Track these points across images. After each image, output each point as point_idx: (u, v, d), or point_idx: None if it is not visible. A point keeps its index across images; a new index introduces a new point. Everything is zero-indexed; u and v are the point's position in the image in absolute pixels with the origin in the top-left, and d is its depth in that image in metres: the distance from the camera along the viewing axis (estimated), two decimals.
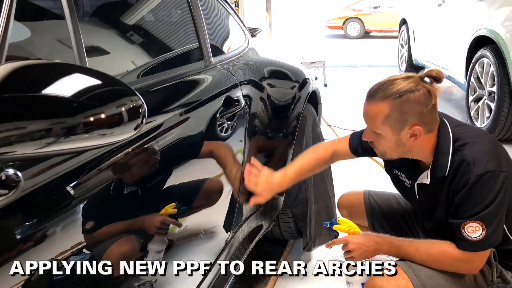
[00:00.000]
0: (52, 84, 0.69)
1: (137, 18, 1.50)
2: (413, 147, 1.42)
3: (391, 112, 1.36)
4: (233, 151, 1.59)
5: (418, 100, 1.35)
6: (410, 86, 1.35)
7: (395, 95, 1.35)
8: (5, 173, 0.73)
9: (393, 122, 1.37)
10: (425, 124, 1.38)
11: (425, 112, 1.36)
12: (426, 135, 1.40)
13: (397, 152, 1.45)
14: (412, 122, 1.36)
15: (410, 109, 1.35)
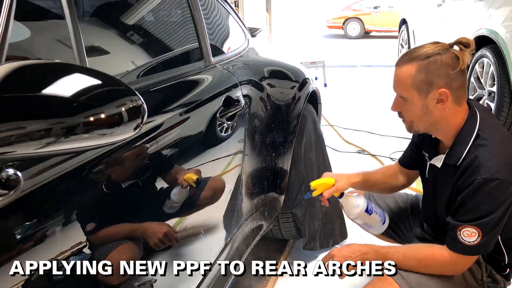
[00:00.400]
0: (52, 84, 0.69)
1: (137, 18, 1.50)
2: (440, 118, 1.39)
3: (417, 73, 1.34)
4: (233, 151, 1.59)
5: (445, 62, 1.33)
6: (437, 49, 1.35)
7: (422, 56, 1.35)
8: (5, 173, 0.73)
9: (419, 84, 1.35)
10: (453, 89, 1.35)
11: (452, 74, 1.33)
12: (453, 106, 1.37)
13: (423, 122, 1.41)
14: (438, 84, 1.34)
15: (436, 70, 1.33)
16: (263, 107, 1.87)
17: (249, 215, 1.76)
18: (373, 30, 14.80)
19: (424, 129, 1.44)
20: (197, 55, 1.66)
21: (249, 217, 1.77)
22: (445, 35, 5.17)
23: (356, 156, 3.74)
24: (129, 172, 1.05)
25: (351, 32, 14.87)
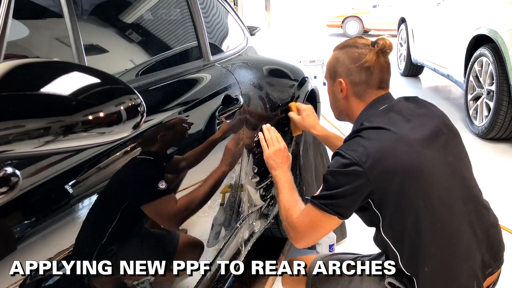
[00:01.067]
0: (50, 83, 0.69)
1: (136, 17, 1.49)
2: (345, 107, 1.44)
3: (331, 60, 1.45)
4: (231, 149, 1.58)
5: (351, 55, 1.39)
6: (356, 43, 1.41)
7: (341, 46, 1.45)
8: (3, 171, 0.73)
9: (330, 70, 1.46)
10: (352, 83, 1.39)
11: (351, 68, 1.38)
12: (355, 99, 1.41)
13: (335, 109, 1.51)
14: (340, 74, 1.41)
15: (342, 60, 1.40)
16: (262, 105, 1.87)
17: (248, 214, 1.76)
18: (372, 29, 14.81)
19: (338, 116, 1.52)
20: (196, 54, 1.66)
21: (248, 215, 1.77)
22: (444, 34, 5.17)
23: None
24: (128, 170, 1.05)
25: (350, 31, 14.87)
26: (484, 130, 3.98)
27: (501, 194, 3.06)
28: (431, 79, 6.77)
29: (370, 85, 1.38)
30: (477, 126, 4.11)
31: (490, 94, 3.95)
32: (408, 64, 6.85)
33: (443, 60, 5.23)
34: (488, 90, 3.98)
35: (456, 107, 5.20)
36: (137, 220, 1.11)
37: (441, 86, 6.38)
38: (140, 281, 1.10)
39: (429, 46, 5.76)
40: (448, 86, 6.23)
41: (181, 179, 1.29)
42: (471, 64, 4.25)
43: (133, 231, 1.09)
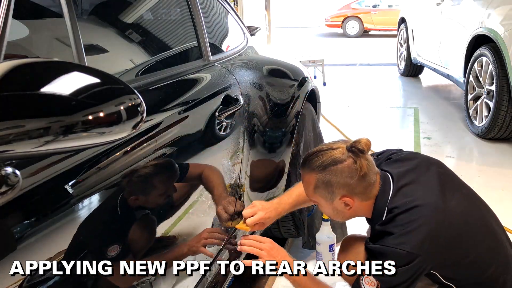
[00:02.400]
0: (50, 83, 0.69)
1: (136, 16, 1.49)
2: (354, 212, 1.43)
3: (318, 184, 1.37)
4: (231, 150, 1.58)
5: (341, 172, 1.33)
6: (335, 158, 1.34)
7: (319, 168, 1.35)
8: (3, 171, 0.73)
9: (322, 193, 1.38)
10: (356, 194, 1.37)
11: (352, 183, 1.34)
12: (363, 203, 1.40)
13: (339, 217, 1.47)
14: (340, 193, 1.36)
15: (335, 181, 1.34)
16: (262, 106, 1.87)
17: None
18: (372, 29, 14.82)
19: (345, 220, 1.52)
20: (196, 54, 1.66)
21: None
22: (444, 34, 5.17)
23: None
24: (128, 170, 1.05)
25: (350, 31, 14.88)
26: (484, 130, 3.98)
27: (501, 194, 3.06)
28: (431, 79, 6.77)
29: (371, 185, 1.38)
30: (477, 126, 4.11)
31: (490, 94, 3.95)
32: (408, 64, 6.85)
33: (443, 60, 5.23)
34: (488, 90, 3.98)
35: (456, 107, 5.20)
36: (137, 220, 1.11)
37: (441, 86, 6.38)
38: (140, 281, 1.10)
39: (429, 46, 5.76)
40: (448, 86, 6.23)
41: (181, 179, 1.29)
42: (471, 64, 4.25)
43: (133, 231, 1.09)
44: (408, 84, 6.71)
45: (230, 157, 1.57)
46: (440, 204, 1.35)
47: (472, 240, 1.36)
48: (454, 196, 1.39)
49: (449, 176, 1.48)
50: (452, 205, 1.36)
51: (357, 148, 1.33)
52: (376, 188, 1.40)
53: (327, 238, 2.00)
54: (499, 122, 3.80)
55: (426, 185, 1.39)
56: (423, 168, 1.45)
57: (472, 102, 4.28)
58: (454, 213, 1.35)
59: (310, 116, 2.30)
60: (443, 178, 1.44)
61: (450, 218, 1.33)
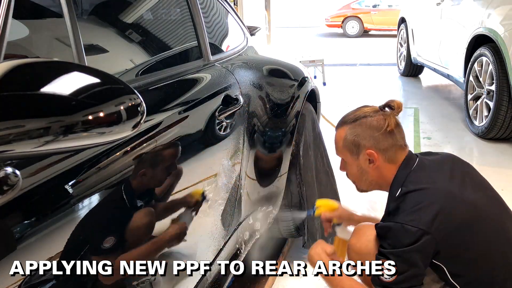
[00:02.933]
0: (50, 83, 0.69)
1: (136, 16, 1.49)
2: (377, 177, 1.44)
3: (347, 136, 1.44)
4: (231, 150, 1.58)
5: (371, 124, 1.41)
6: (365, 112, 1.43)
7: (351, 120, 1.45)
8: (3, 171, 0.73)
9: (349, 146, 1.44)
10: (381, 150, 1.41)
11: (376, 136, 1.40)
12: (387, 164, 1.42)
13: (363, 182, 1.48)
14: (365, 145, 1.41)
15: (362, 132, 1.41)
16: (262, 105, 1.87)
17: (248, 214, 1.77)
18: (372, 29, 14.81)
19: (367, 188, 1.51)
20: (196, 54, 1.66)
21: (248, 215, 1.77)
22: (444, 34, 5.17)
23: None
24: (128, 170, 1.05)
25: (350, 31, 14.88)
26: (484, 130, 3.98)
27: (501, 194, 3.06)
28: (431, 79, 6.77)
29: (397, 146, 1.43)
30: (477, 126, 4.11)
31: (490, 94, 3.95)
32: (408, 64, 6.85)
33: (443, 60, 5.23)
34: (488, 90, 3.98)
35: (456, 107, 5.20)
36: (137, 219, 1.11)
37: (441, 86, 6.38)
38: (140, 281, 1.10)
39: (429, 46, 5.76)
40: (448, 86, 6.23)
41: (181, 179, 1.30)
42: (471, 64, 4.25)
43: (134, 231, 1.09)
44: (408, 84, 6.71)
45: (230, 157, 1.57)
46: (456, 191, 1.36)
47: (483, 235, 1.34)
48: (474, 191, 1.39)
49: (476, 177, 1.48)
50: (468, 196, 1.36)
51: (388, 105, 1.42)
52: (402, 156, 1.43)
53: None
54: (499, 122, 3.80)
55: (447, 174, 1.40)
56: (449, 163, 1.47)
57: (472, 102, 4.28)
58: (468, 203, 1.34)
59: (310, 116, 2.30)
60: (468, 176, 1.45)
61: (464, 205, 1.33)
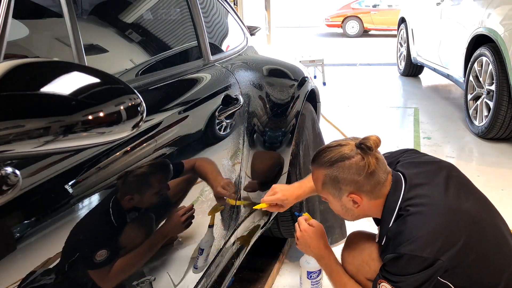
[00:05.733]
0: (50, 82, 0.69)
1: (136, 16, 1.49)
2: (363, 211, 1.42)
3: (326, 180, 1.38)
4: (231, 150, 1.58)
5: (349, 169, 1.33)
6: (343, 154, 1.34)
7: (327, 163, 1.36)
8: (3, 171, 0.73)
9: (330, 190, 1.39)
10: (364, 192, 1.36)
11: (359, 180, 1.33)
12: (372, 201, 1.38)
13: (349, 216, 1.45)
14: (347, 190, 1.36)
15: (342, 177, 1.34)
16: (262, 105, 1.87)
17: (248, 214, 1.77)
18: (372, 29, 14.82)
19: (354, 220, 1.48)
20: (196, 54, 1.66)
21: (248, 215, 1.77)
22: (444, 33, 5.17)
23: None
24: (128, 170, 1.05)
25: (350, 31, 14.88)
26: (484, 130, 3.98)
27: (501, 194, 3.06)
28: (431, 79, 6.77)
29: (380, 182, 1.37)
30: (477, 126, 4.11)
31: (490, 94, 3.95)
32: (408, 64, 6.85)
33: (443, 60, 5.23)
34: (488, 90, 3.98)
35: (456, 107, 5.20)
36: (138, 219, 1.11)
37: (441, 86, 6.38)
38: (140, 281, 1.10)
39: (429, 46, 5.76)
40: (448, 86, 6.23)
41: (181, 179, 1.30)
42: (471, 64, 4.25)
43: (134, 230, 1.09)
44: (408, 84, 6.71)
45: (230, 157, 1.57)
46: (454, 205, 1.33)
47: (484, 243, 1.33)
48: (468, 199, 1.37)
49: (463, 179, 1.47)
50: (466, 207, 1.34)
51: (365, 145, 1.33)
52: (387, 187, 1.38)
53: (306, 264, 1.86)
54: (499, 122, 3.80)
55: (440, 187, 1.36)
56: (436, 171, 1.43)
57: (472, 102, 4.28)
58: (467, 214, 1.32)
59: (310, 116, 2.30)
60: (457, 181, 1.42)
61: (464, 218, 1.31)
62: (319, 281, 1.86)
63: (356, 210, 1.41)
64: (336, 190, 1.37)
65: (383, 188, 1.38)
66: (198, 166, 1.39)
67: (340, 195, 1.38)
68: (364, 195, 1.36)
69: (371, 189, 1.36)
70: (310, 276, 1.83)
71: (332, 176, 1.36)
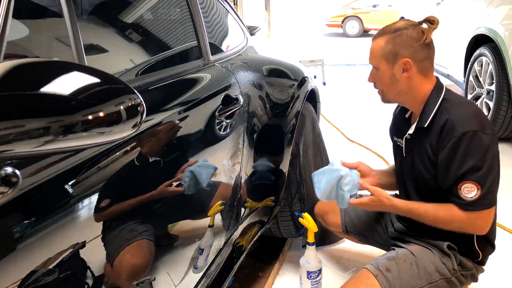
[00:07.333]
0: (50, 82, 0.69)
1: (136, 16, 1.49)
2: (407, 87, 1.53)
3: (386, 45, 1.51)
4: (231, 150, 1.58)
5: (410, 35, 1.49)
6: (406, 24, 1.51)
7: (392, 30, 1.52)
8: (3, 171, 0.73)
9: (387, 54, 1.51)
10: (417, 60, 1.50)
11: (416, 46, 1.48)
12: (419, 76, 1.52)
13: (392, 90, 1.55)
14: (403, 54, 1.49)
15: (402, 42, 1.49)
16: (262, 105, 1.87)
17: (247, 214, 1.77)
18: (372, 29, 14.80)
19: (394, 97, 1.59)
20: (196, 54, 1.66)
21: (247, 215, 1.77)
22: (444, 33, 5.17)
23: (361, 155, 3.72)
24: (128, 170, 1.05)
25: (350, 31, 14.88)
26: None
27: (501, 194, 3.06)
28: None
29: (431, 60, 1.54)
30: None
31: (490, 94, 3.94)
32: None
33: (443, 60, 5.22)
34: (488, 90, 3.98)
35: None
36: (137, 219, 1.11)
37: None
38: (140, 281, 1.10)
39: None
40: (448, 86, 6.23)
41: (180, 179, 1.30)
42: (471, 64, 4.25)
43: (133, 230, 1.09)
44: None
45: (230, 157, 1.57)
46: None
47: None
48: None
49: None
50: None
51: (428, 21, 1.50)
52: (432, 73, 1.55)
53: (306, 263, 1.86)
54: (499, 122, 3.80)
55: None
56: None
57: None
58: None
59: (310, 116, 2.30)
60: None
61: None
62: (319, 281, 1.86)
63: (403, 81, 1.52)
64: (393, 54, 1.50)
65: (430, 68, 1.54)
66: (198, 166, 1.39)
67: (395, 60, 1.50)
68: (415, 64, 1.50)
69: (423, 59, 1.50)
70: (310, 276, 1.84)
71: (393, 41, 1.50)
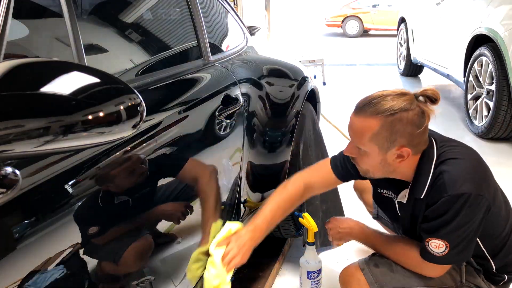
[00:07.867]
0: (50, 82, 0.69)
1: (136, 16, 1.49)
2: (398, 168, 1.36)
3: (380, 130, 1.27)
4: (231, 150, 1.58)
5: (411, 121, 1.26)
6: (404, 104, 1.26)
7: (387, 112, 1.26)
8: (3, 171, 0.73)
9: (381, 141, 1.29)
10: (414, 146, 1.31)
11: (416, 133, 1.28)
12: (413, 157, 1.35)
13: (380, 172, 1.39)
14: (401, 143, 1.29)
15: (401, 129, 1.26)
16: (262, 105, 1.87)
17: (247, 214, 1.77)
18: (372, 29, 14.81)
19: (381, 176, 1.42)
20: (196, 54, 1.66)
21: (247, 215, 1.77)
22: (444, 33, 5.17)
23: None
24: (128, 170, 1.05)
25: (350, 31, 14.88)
26: (484, 130, 3.98)
27: None
28: (431, 79, 6.77)
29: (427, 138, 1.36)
30: (477, 126, 4.11)
31: (490, 94, 3.95)
32: (408, 63, 6.85)
33: (443, 60, 5.23)
34: (488, 89, 3.98)
35: (456, 107, 5.20)
36: (137, 219, 1.11)
37: (441, 86, 6.38)
38: (140, 281, 1.10)
39: (429, 46, 5.76)
40: (448, 86, 6.23)
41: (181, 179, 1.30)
42: (471, 64, 4.25)
43: (133, 230, 1.09)
44: (408, 84, 6.71)
45: (230, 157, 1.57)
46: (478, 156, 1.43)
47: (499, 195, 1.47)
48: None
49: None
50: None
51: (427, 96, 1.29)
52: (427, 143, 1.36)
53: (306, 263, 1.85)
54: (499, 122, 3.80)
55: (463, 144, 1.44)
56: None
57: (472, 102, 4.28)
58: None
59: (310, 116, 2.30)
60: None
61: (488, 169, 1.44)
62: (319, 281, 1.86)
63: (394, 165, 1.34)
64: (388, 142, 1.28)
65: (425, 144, 1.36)
66: (198, 166, 1.39)
67: (390, 147, 1.29)
68: (412, 150, 1.31)
69: (420, 143, 1.33)
70: (310, 276, 1.84)
71: (390, 126, 1.26)
